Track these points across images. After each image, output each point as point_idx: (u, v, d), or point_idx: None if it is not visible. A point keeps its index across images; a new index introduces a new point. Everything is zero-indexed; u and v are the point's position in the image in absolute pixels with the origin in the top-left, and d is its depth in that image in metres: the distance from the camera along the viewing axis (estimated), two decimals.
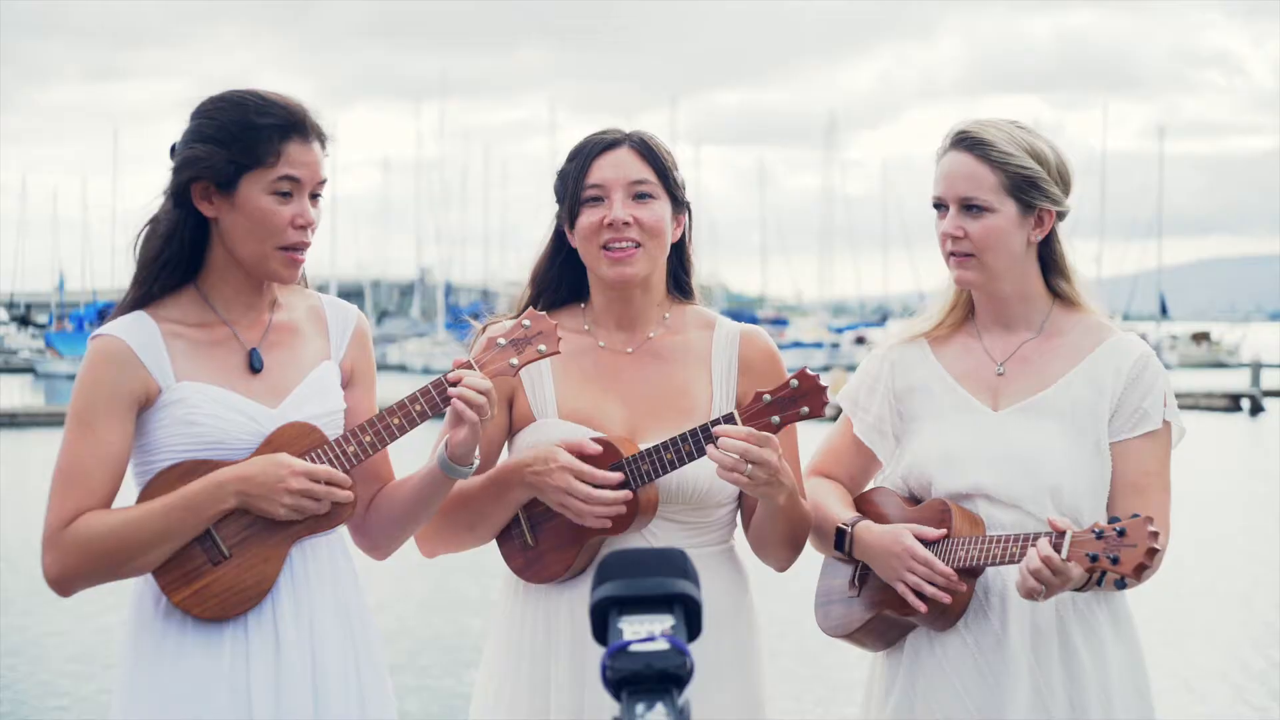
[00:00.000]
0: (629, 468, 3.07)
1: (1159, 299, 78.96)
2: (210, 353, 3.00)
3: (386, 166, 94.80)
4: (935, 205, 3.21)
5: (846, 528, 3.18)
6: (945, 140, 3.23)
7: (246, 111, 2.97)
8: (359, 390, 3.13)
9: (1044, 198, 3.16)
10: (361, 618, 3.06)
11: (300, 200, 2.98)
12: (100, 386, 2.94)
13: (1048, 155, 3.18)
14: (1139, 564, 2.82)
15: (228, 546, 2.92)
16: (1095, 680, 3.09)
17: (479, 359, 3.00)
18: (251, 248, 2.97)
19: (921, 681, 3.15)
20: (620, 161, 3.18)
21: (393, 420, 2.96)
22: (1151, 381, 3.15)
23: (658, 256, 3.21)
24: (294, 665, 2.94)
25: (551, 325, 3.02)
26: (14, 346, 69.14)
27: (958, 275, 3.19)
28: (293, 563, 2.97)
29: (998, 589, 3.11)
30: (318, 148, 3.01)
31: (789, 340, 59.64)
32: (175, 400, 2.95)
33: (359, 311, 3.19)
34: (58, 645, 12.24)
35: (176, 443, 2.94)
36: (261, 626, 2.94)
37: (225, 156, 2.95)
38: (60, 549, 2.89)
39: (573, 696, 3.12)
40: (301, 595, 2.98)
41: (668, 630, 1.78)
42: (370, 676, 3.04)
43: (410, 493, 3.07)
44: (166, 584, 2.92)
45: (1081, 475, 3.10)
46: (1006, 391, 3.20)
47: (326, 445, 2.96)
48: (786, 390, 3.02)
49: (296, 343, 3.08)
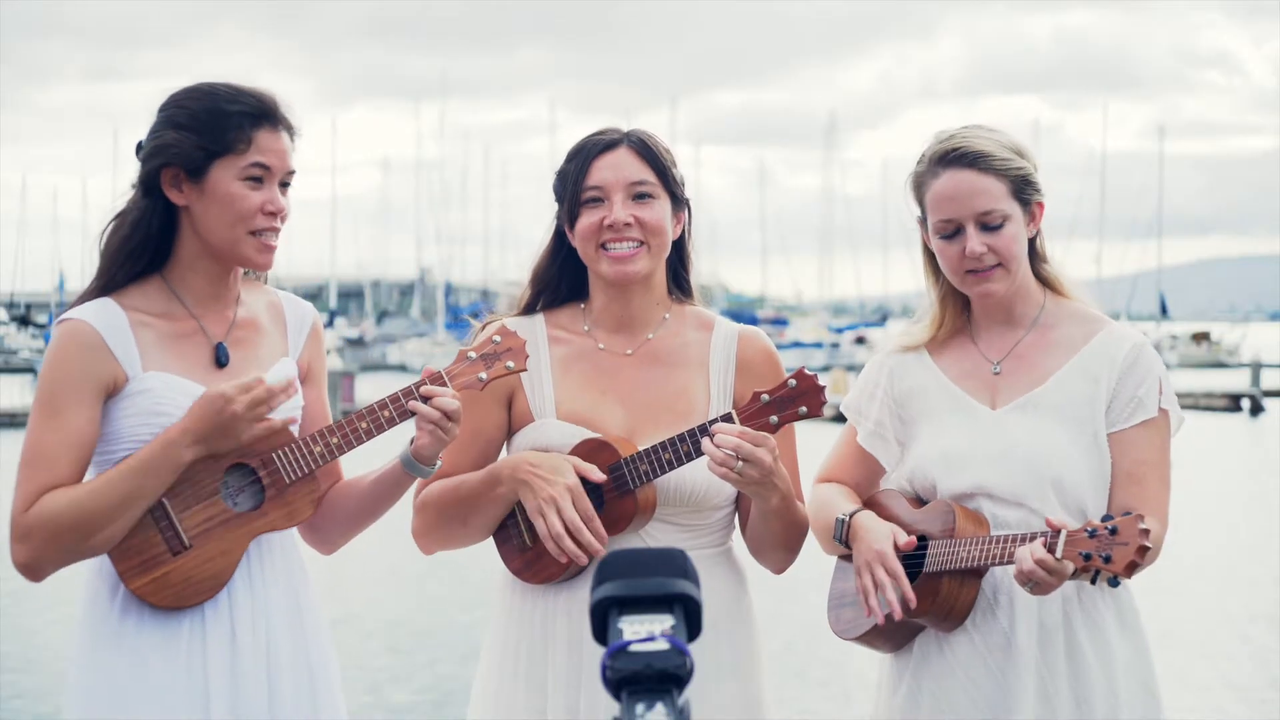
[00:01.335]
0: (628, 467, 3.07)
1: (1159, 299, 78.99)
2: (177, 345, 3.01)
3: (386, 166, 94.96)
4: (938, 231, 3.15)
5: (845, 517, 3.18)
6: (932, 159, 3.16)
7: (218, 99, 2.98)
8: (313, 388, 3.16)
9: (1036, 192, 3.17)
10: (312, 613, 3.09)
11: (270, 188, 2.99)
12: (68, 371, 2.93)
13: (1025, 149, 3.19)
14: (1130, 562, 2.83)
15: (189, 537, 2.93)
16: (1101, 678, 3.08)
17: (450, 370, 3.03)
18: (223, 234, 2.98)
19: (928, 680, 3.15)
20: (620, 162, 3.18)
21: (360, 424, 2.98)
22: (1146, 370, 3.15)
23: (658, 256, 3.21)
24: (249, 658, 2.96)
25: (520, 343, 3.04)
26: (14, 346, 69.10)
27: (984, 290, 3.14)
28: (249, 557, 2.99)
29: (1006, 588, 3.10)
30: (286, 138, 3.03)
31: (789, 340, 59.61)
32: (141, 390, 2.95)
33: (315, 310, 3.22)
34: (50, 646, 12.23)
35: (142, 433, 2.94)
36: (219, 619, 2.96)
37: (196, 143, 2.96)
38: (24, 531, 2.88)
39: (570, 696, 3.12)
40: (257, 589, 3.00)
41: (668, 630, 1.78)
42: (320, 671, 3.06)
43: (367, 489, 3.09)
44: (125, 570, 2.92)
45: (1082, 468, 3.10)
46: (1004, 390, 3.19)
47: (294, 444, 2.97)
48: (784, 390, 3.02)
49: (259, 339, 3.09)
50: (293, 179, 3.05)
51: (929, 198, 3.16)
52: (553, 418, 3.19)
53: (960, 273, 3.15)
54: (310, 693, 3.03)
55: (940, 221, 3.14)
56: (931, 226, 3.17)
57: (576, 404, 3.19)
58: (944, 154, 3.15)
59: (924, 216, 3.20)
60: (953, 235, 3.14)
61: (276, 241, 3.03)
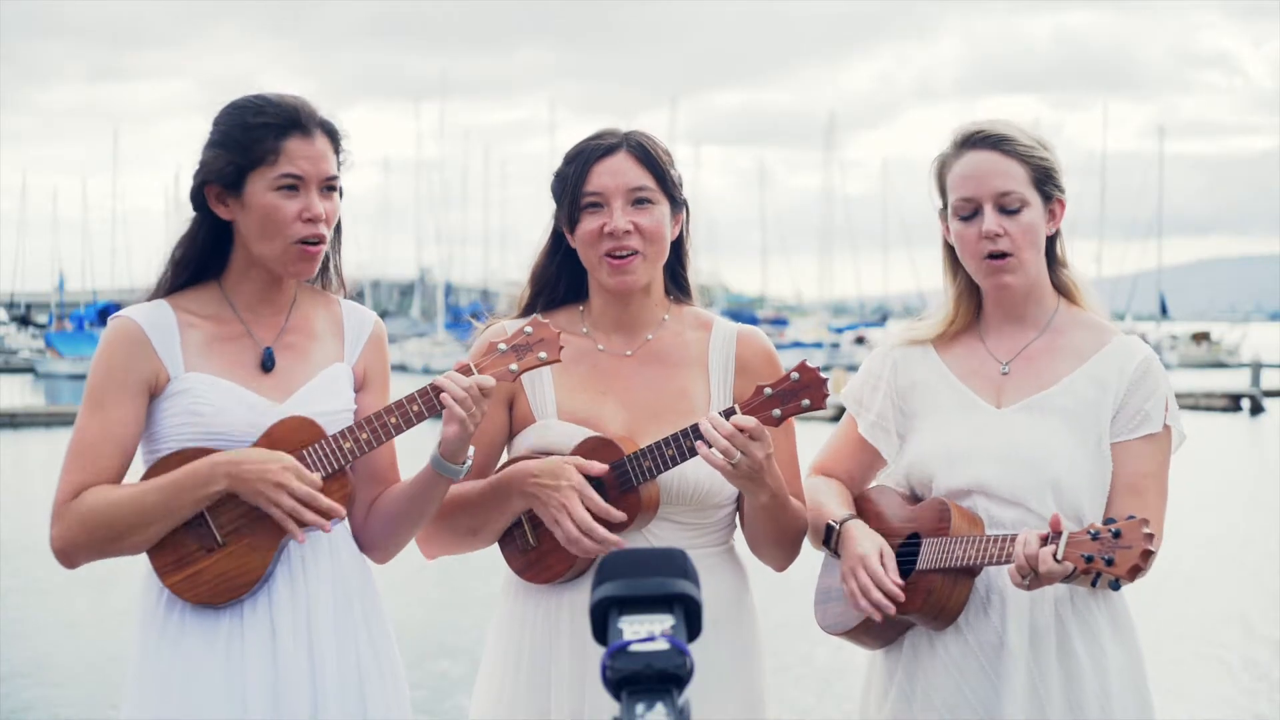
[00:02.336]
0: (631, 464, 3.07)
1: (1159, 299, 78.98)
2: (223, 347, 3.06)
3: (386, 166, 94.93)
4: (957, 212, 3.16)
5: (835, 525, 3.19)
6: (956, 143, 3.19)
7: (244, 114, 3.04)
8: (372, 394, 3.17)
9: (1058, 188, 3.18)
10: (365, 608, 3.08)
11: (307, 195, 3.02)
12: (113, 367, 3.02)
13: (1049, 144, 3.20)
14: (1134, 565, 2.82)
15: (222, 535, 2.97)
16: (1093, 681, 3.09)
17: (480, 363, 3.02)
18: (265, 245, 3.03)
19: (920, 680, 3.16)
20: (619, 169, 3.18)
21: (389, 419, 2.99)
22: (1154, 385, 3.15)
23: (657, 261, 3.22)
24: (289, 656, 2.97)
25: (554, 334, 3.04)
26: (14, 346, 69.14)
27: (1000, 281, 3.15)
28: (290, 552, 3.01)
29: (999, 588, 3.11)
30: (322, 142, 3.05)
31: (789, 340, 59.61)
32: (182, 390, 3.01)
33: (377, 317, 3.24)
34: (63, 644, 12.23)
35: (181, 432, 3.00)
36: (257, 616, 2.98)
37: (227, 159, 3.02)
38: (64, 521, 2.97)
39: (573, 696, 3.12)
40: (299, 587, 3.01)
41: (668, 630, 1.78)
42: (374, 671, 3.05)
43: (405, 493, 3.10)
44: (161, 567, 2.99)
45: (1082, 473, 3.11)
46: (1010, 390, 3.20)
47: (324, 440, 2.99)
48: (787, 383, 3.03)
49: (310, 346, 3.12)
50: (336, 183, 3.07)
51: (951, 178, 3.18)
52: (554, 419, 3.19)
53: (978, 257, 3.15)
54: (359, 693, 3.03)
55: (960, 200, 3.15)
56: (951, 208, 3.18)
57: (577, 405, 3.20)
58: (968, 136, 3.18)
59: (945, 207, 3.21)
60: (971, 216, 3.15)
61: (320, 248, 3.05)
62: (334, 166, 3.06)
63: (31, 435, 32.40)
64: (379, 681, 3.06)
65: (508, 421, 3.24)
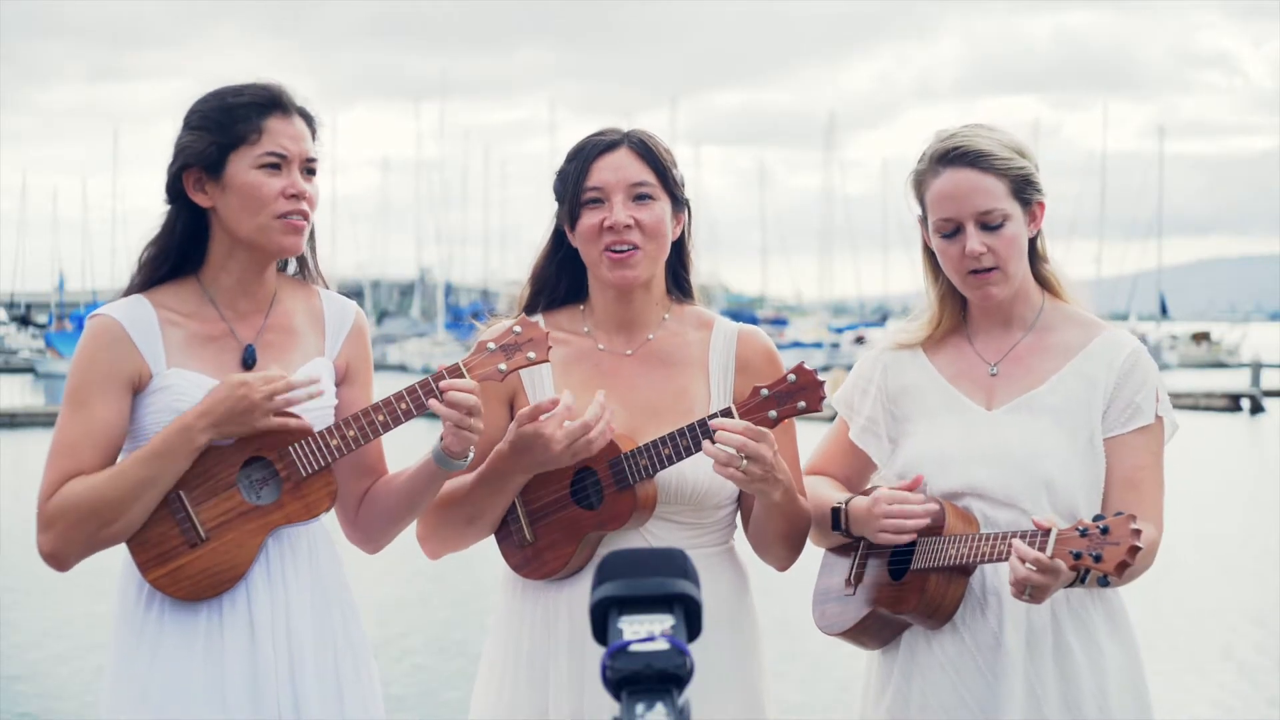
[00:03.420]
0: (627, 462, 3.08)
1: (1159, 299, 78.98)
2: (204, 345, 3.04)
3: (386, 166, 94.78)
4: (938, 230, 3.15)
5: (841, 505, 3.18)
6: (931, 159, 3.16)
7: (224, 96, 3.04)
8: (354, 387, 3.16)
9: (1037, 191, 3.16)
10: (344, 611, 3.09)
11: (289, 173, 3.02)
12: (93, 364, 2.98)
13: (1026, 148, 3.18)
14: (1120, 561, 2.81)
15: (206, 530, 2.96)
16: (1090, 680, 3.08)
17: (468, 362, 3.03)
18: (249, 224, 3.01)
19: (916, 679, 3.16)
20: (620, 164, 3.19)
21: (377, 416, 2.99)
22: (1144, 376, 3.15)
23: (658, 258, 3.22)
24: (268, 652, 2.97)
25: (543, 334, 3.04)
26: (14, 346, 69.14)
27: (986, 293, 3.14)
28: (269, 551, 3.01)
29: (995, 589, 3.10)
30: (301, 124, 3.05)
31: (789, 340, 59.58)
32: (163, 387, 2.99)
33: (357, 308, 3.22)
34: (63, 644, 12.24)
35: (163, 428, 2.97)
36: (236, 612, 2.98)
37: (209, 140, 3.00)
38: (47, 519, 2.95)
39: (572, 695, 3.12)
40: (277, 583, 3.01)
41: (668, 630, 1.78)
42: (349, 668, 3.06)
43: (403, 485, 3.10)
44: (143, 562, 2.96)
45: (1076, 471, 3.10)
46: (1000, 391, 3.19)
47: (311, 437, 2.99)
48: (784, 385, 3.03)
49: (291, 341, 3.11)
50: (316, 166, 3.07)
51: (929, 196, 3.16)
52: None
53: (962, 273, 3.14)
54: (337, 689, 3.04)
55: (940, 220, 3.14)
56: (932, 225, 3.17)
57: (577, 404, 3.20)
58: (945, 153, 3.14)
59: (924, 215, 3.20)
60: (953, 234, 3.13)
61: (304, 223, 3.04)
62: (313, 150, 3.06)
63: (31, 435, 32.37)
64: (356, 684, 3.07)
65: (508, 420, 3.24)
